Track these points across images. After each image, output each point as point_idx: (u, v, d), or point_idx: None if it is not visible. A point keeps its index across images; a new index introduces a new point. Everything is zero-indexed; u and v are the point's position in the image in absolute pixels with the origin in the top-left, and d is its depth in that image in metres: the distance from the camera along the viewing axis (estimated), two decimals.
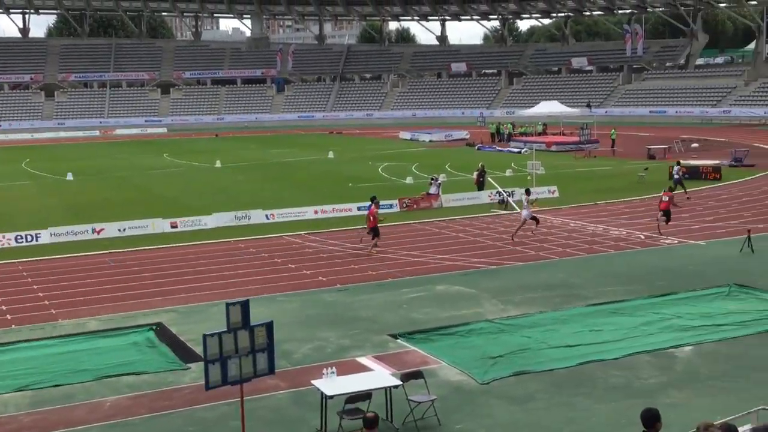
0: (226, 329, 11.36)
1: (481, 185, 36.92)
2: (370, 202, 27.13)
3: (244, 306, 11.51)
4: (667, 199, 27.54)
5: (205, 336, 11.32)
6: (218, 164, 54.67)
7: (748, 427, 9.39)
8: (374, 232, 26.10)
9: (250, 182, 45.54)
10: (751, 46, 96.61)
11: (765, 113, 72.93)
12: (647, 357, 15.37)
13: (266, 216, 32.45)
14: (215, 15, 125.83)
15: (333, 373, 12.73)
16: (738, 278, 20.65)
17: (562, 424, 12.65)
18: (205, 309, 19.69)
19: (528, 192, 28.64)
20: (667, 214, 27.28)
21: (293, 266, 24.35)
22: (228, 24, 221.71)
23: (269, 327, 11.74)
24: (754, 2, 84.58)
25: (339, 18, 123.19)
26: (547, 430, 12.55)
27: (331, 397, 12.15)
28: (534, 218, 27.73)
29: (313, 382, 12.92)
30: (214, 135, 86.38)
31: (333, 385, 12.42)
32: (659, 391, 13.67)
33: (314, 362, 15.43)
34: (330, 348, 16.56)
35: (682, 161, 43.73)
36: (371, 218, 26.07)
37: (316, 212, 33.17)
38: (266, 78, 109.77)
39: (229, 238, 29.11)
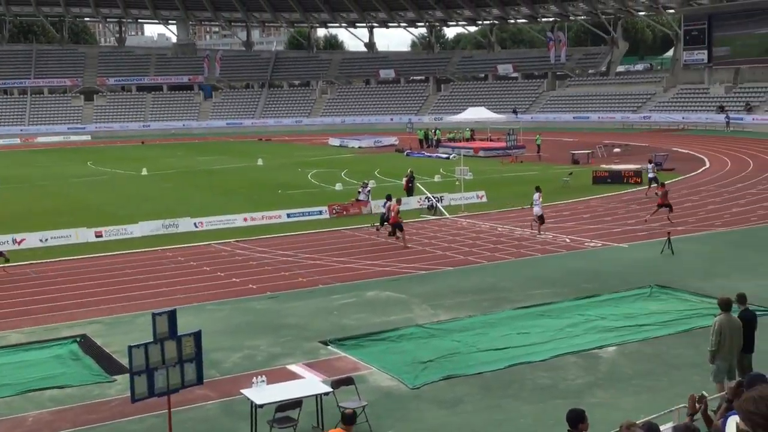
0: (152, 340, 11.20)
1: (410, 191, 37.17)
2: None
3: (171, 316, 11.37)
4: (662, 194, 30.03)
5: (130, 347, 11.14)
6: (144, 172, 53.77)
7: (669, 425, 9.65)
8: (397, 227, 27.92)
9: (178, 190, 44.93)
10: (670, 53, 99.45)
11: (683, 118, 75.10)
12: (573, 358, 15.68)
13: (194, 224, 32.06)
14: (140, 20, 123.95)
15: (263, 381, 12.66)
16: (659, 279, 21.24)
17: (491, 426, 12.81)
18: (131, 320, 19.35)
19: (538, 189, 29.38)
20: (668, 206, 29.64)
21: (222, 274, 24.11)
22: (153, 30, 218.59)
23: (197, 336, 11.63)
24: (672, 11, 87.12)
25: (266, 24, 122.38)
26: None
27: (261, 406, 12.07)
28: (541, 216, 28.59)
29: (242, 391, 12.82)
30: (140, 142, 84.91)
31: (263, 393, 12.35)
32: (585, 391, 13.96)
33: (244, 371, 15.30)
34: (260, 356, 16.45)
35: (604, 165, 44.76)
36: (393, 214, 28.11)
37: (245, 219, 32.90)
38: (193, 84, 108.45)
39: (156, 246, 28.66)
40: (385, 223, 29.15)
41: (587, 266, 23.45)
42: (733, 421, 2.55)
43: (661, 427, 8.82)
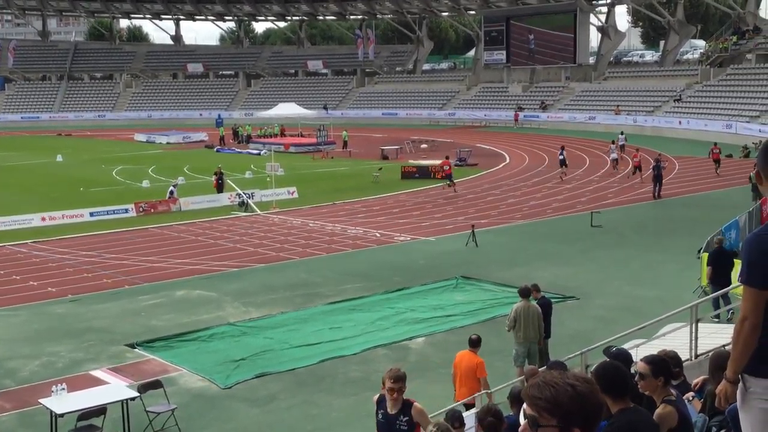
0: None
1: (219, 188, 36.58)
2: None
3: None
4: (717, 151, 39.26)
5: None
6: None
7: (473, 410, 10.05)
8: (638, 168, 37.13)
9: None
10: (472, 53, 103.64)
11: (485, 116, 78.47)
12: (383, 350, 16.02)
13: None
14: None
15: (63, 389, 12.04)
16: (464, 270, 22.09)
17: (304, 421, 12.86)
18: None
19: (613, 142, 43.63)
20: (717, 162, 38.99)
21: (18, 278, 22.71)
22: None
23: None
24: (473, 12, 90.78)
25: (64, 13, 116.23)
26: (290, 428, 12.70)
27: (62, 415, 11.49)
28: (615, 161, 41.54)
29: (41, 400, 12.14)
30: None
31: (63, 402, 11.75)
32: None
33: (43, 379, 14.50)
34: (61, 363, 15.63)
35: (412, 161, 46.08)
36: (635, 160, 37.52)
37: (43, 219, 31.15)
38: None
39: None
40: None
41: (397, 260, 24.01)
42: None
43: (465, 413, 9.18)
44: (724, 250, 17.03)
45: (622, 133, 49.43)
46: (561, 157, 40.24)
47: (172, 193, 35.01)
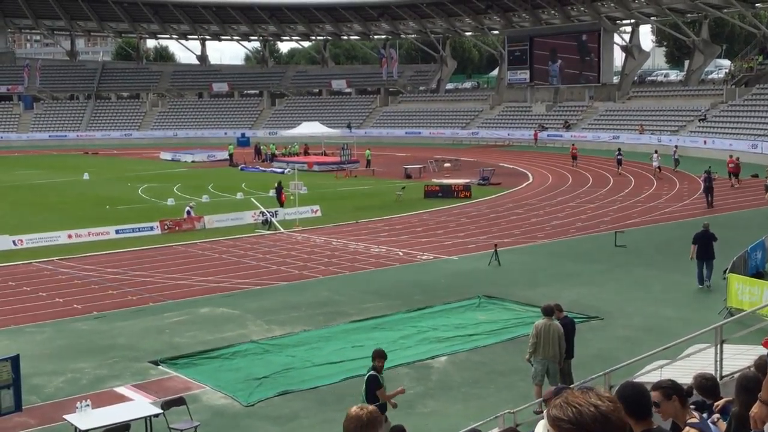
0: None
1: (281, 202, 37.09)
2: None
3: None
4: (732, 165, 41.53)
5: None
6: None
7: (495, 430, 10.02)
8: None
9: None
10: (495, 72, 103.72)
11: (508, 135, 78.42)
12: (406, 369, 15.98)
13: (13, 242, 30.30)
14: None
15: (87, 406, 12.13)
16: (487, 290, 22.03)
17: None
18: None
19: (656, 151, 48.16)
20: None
21: (44, 294, 22.93)
22: None
23: (15, 361, 11.02)
24: (496, 32, 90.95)
25: (92, 34, 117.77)
26: None
27: (86, 431, 11.56)
28: (659, 167, 45.38)
29: (65, 417, 12.23)
30: None
31: (88, 418, 11.84)
32: (417, 401, 14.25)
33: (68, 396, 14.60)
34: (85, 379, 15.75)
35: (435, 180, 46.06)
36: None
37: (70, 236, 31.46)
38: (12, 95, 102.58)
39: None
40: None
41: (419, 278, 23.98)
42: (541, 425, 2.68)
43: None
44: (707, 232, 21.43)
45: (676, 147, 53.29)
46: (619, 156, 49.01)
47: (189, 213, 35.25)
